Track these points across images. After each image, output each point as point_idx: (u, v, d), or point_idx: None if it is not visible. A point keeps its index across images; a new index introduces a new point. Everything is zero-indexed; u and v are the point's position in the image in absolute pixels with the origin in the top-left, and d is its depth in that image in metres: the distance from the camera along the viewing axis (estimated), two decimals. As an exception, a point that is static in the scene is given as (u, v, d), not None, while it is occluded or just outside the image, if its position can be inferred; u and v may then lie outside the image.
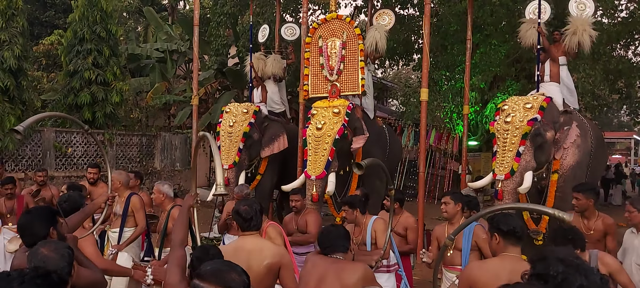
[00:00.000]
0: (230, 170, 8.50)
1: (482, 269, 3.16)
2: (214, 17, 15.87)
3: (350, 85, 8.48)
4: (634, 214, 4.81)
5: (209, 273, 1.91)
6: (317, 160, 7.67)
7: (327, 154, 7.62)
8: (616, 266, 3.88)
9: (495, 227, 3.17)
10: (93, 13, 13.42)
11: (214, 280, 1.88)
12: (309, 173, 7.62)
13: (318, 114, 7.99)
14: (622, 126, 47.37)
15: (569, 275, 1.78)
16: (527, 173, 6.46)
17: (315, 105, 8.18)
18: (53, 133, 12.84)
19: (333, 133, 7.70)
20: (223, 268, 1.95)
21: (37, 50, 17.28)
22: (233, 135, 8.76)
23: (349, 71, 8.48)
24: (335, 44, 8.53)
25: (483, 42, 14.86)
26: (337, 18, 8.69)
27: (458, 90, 15.54)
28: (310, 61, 8.79)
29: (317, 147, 7.71)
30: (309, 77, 8.80)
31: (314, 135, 7.80)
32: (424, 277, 7.57)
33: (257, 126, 9.06)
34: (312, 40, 8.79)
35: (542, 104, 6.73)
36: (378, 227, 4.98)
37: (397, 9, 16.82)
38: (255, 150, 9.07)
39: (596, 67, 13.26)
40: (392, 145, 9.53)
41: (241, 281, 1.92)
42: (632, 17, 15.12)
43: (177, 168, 15.79)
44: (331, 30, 8.66)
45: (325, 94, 8.54)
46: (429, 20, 8.63)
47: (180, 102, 16.73)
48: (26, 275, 1.59)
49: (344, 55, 8.47)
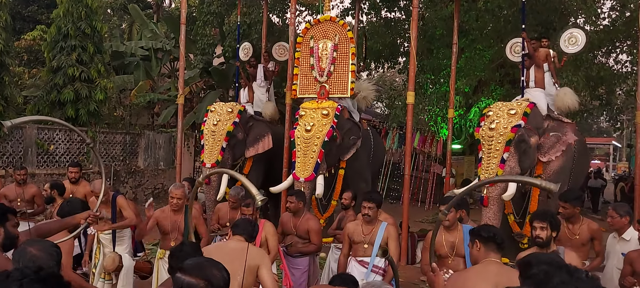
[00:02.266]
0: (212, 169, 8.42)
1: (466, 276, 3.21)
2: (201, 16, 15.79)
3: (339, 88, 8.48)
4: (616, 219, 4.92)
5: (191, 267, 2.02)
6: (306, 162, 7.66)
7: (316, 156, 7.62)
8: (578, 262, 4.07)
9: (475, 234, 3.27)
10: (78, 9, 13.24)
11: (195, 274, 1.99)
12: (297, 175, 7.61)
13: (306, 115, 7.98)
14: (601, 132, 48.16)
15: (552, 273, 1.82)
16: None
17: (304, 106, 8.17)
18: (35, 130, 12.63)
19: (322, 135, 7.70)
20: (205, 263, 2.07)
21: (18, 45, 17.00)
22: (216, 134, 8.71)
23: (339, 74, 8.47)
24: (327, 46, 8.52)
25: (468, 46, 15.00)
26: (330, 20, 8.69)
27: (443, 94, 15.66)
28: (300, 61, 8.76)
29: (306, 149, 7.70)
30: (298, 77, 8.77)
31: (303, 137, 7.78)
32: (408, 279, 7.62)
33: (242, 126, 9.02)
34: (303, 40, 8.76)
35: (526, 110, 6.82)
36: (391, 233, 4.99)
37: (384, 12, 16.90)
38: (239, 150, 9.03)
39: (578, 73, 13.46)
40: (376, 147, 9.58)
41: (221, 277, 2.03)
42: (613, 26, 15.38)
43: (160, 167, 15.65)
44: (323, 31, 8.64)
45: (313, 95, 8.54)
46: (416, 23, 8.68)
47: (165, 100, 16.61)
48: (26, 277, 1.56)
49: (335, 58, 8.47)
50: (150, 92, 16.53)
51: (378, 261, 4.98)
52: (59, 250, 2.55)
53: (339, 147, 8.12)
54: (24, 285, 1.55)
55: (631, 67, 16.26)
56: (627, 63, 16.84)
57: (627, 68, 16.81)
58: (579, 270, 1.91)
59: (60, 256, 2.53)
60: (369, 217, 5.00)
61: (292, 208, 5.77)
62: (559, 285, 1.81)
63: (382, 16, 17.13)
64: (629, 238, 4.91)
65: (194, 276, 1.97)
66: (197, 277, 1.97)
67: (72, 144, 13.42)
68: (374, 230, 5.00)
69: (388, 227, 5.04)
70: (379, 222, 5.09)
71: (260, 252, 3.81)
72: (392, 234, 5.00)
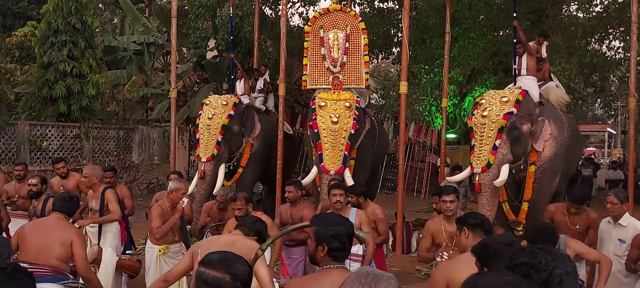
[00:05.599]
0: (208, 163, 8.34)
1: (456, 265, 3.12)
2: (193, 10, 15.67)
3: (353, 79, 8.32)
4: (616, 206, 4.91)
5: (216, 261, 2.02)
6: (335, 154, 7.53)
7: (345, 149, 7.55)
8: (581, 247, 4.34)
9: (463, 222, 3.26)
10: (68, 4, 13.15)
11: (222, 268, 1.97)
12: (327, 168, 7.46)
13: (328, 106, 7.81)
14: (596, 119, 48.30)
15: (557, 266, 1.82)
16: (503, 166, 6.55)
17: (322, 97, 7.89)
18: (27, 126, 12.57)
19: (348, 127, 7.58)
20: (229, 257, 2.06)
21: (9, 42, 16.90)
22: (212, 127, 8.57)
23: (352, 64, 8.30)
24: (338, 36, 8.32)
25: (461, 35, 14.97)
26: (341, 10, 8.53)
27: (437, 84, 15.64)
28: (309, 52, 8.48)
29: (335, 141, 7.54)
30: (308, 68, 8.58)
31: (331, 129, 7.59)
32: (403, 268, 7.64)
33: (237, 118, 8.90)
34: (312, 29, 8.47)
35: (518, 97, 6.82)
36: (362, 218, 5.13)
37: (377, 2, 16.85)
38: (235, 143, 8.91)
39: (571, 60, 13.43)
40: (381, 137, 9.50)
41: (246, 271, 2.03)
42: (606, 12, 15.36)
43: (155, 162, 15.62)
44: (333, 21, 8.38)
45: (326, 86, 8.37)
46: (408, 13, 8.64)
47: (158, 95, 16.53)
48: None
49: (348, 48, 8.27)
50: (143, 86, 16.46)
51: (356, 249, 4.99)
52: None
53: (351, 137, 8.06)
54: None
55: (624, 54, 16.29)
56: (620, 49, 16.88)
57: (621, 54, 16.84)
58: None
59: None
60: (340, 204, 5.07)
61: (291, 198, 5.78)
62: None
63: (375, 7, 17.06)
64: (625, 224, 4.91)
65: (220, 271, 1.97)
66: (223, 272, 1.96)
67: (65, 140, 13.37)
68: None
69: (358, 211, 5.14)
70: (348, 208, 5.14)
71: (253, 245, 3.71)
72: (363, 218, 5.12)
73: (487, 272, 2.16)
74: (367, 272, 1.85)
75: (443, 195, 4.62)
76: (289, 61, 10.14)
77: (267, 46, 16.11)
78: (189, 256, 3.52)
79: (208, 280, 1.96)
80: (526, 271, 1.81)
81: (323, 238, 2.58)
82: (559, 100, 7.88)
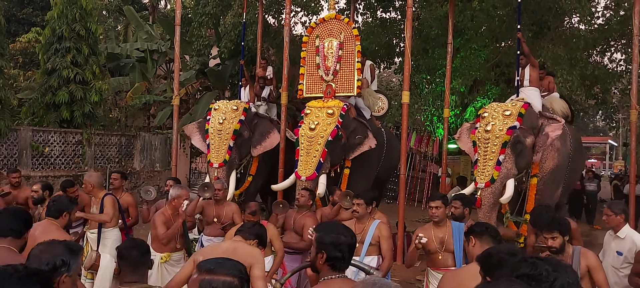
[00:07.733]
0: (220, 169, 8.30)
1: (462, 275, 3.12)
2: (196, 18, 15.75)
3: (345, 86, 8.41)
4: (611, 217, 4.94)
5: (222, 265, 1.99)
6: (308, 160, 7.60)
7: (319, 155, 7.57)
8: (596, 263, 4.01)
9: (470, 231, 3.30)
10: (72, 11, 13.21)
11: (231, 272, 1.95)
12: (299, 174, 7.55)
13: (311, 113, 7.90)
14: (597, 131, 48.30)
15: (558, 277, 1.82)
16: (508, 182, 6.55)
17: (309, 105, 8.07)
18: (30, 132, 12.59)
19: (326, 134, 7.64)
20: (227, 260, 2.06)
21: (13, 47, 16.96)
22: (223, 132, 8.53)
23: (345, 72, 8.38)
24: (333, 44, 8.43)
25: (463, 46, 15.02)
26: (335, 18, 8.64)
27: (438, 94, 15.68)
28: (306, 61, 8.63)
29: (310, 148, 7.63)
30: (304, 77, 8.68)
31: (307, 135, 7.71)
32: (404, 278, 7.61)
33: (247, 124, 8.88)
34: (309, 39, 8.65)
35: (521, 110, 6.82)
36: (383, 232, 4.94)
37: (379, 12, 16.92)
38: (245, 149, 8.89)
39: (573, 72, 13.46)
40: (390, 149, 9.39)
41: (246, 272, 2.06)
42: (608, 24, 15.42)
43: (156, 168, 15.62)
44: (329, 30, 8.53)
45: (320, 94, 8.45)
46: (411, 24, 8.66)
47: (161, 102, 16.57)
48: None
49: (341, 56, 8.36)
50: (146, 93, 16.51)
51: (369, 260, 4.95)
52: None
53: (343, 146, 8.07)
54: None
55: (626, 66, 16.31)
56: (621, 62, 16.90)
57: (622, 67, 16.87)
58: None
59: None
60: (358, 214, 4.99)
61: (301, 202, 5.81)
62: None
63: (378, 16, 17.14)
64: (623, 236, 4.92)
65: (230, 275, 1.95)
66: (232, 276, 1.95)
67: (67, 146, 13.38)
68: (366, 228, 4.95)
69: (380, 224, 4.97)
70: (371, 220, 5.04)
71: (254, 251, 3.72)
72: (383, 233, 4.94)
73: (491, 282, 2.16)
74: (374, 281, 1.85)
75: (430, 201, 4.70)
76: (291, 70, 10.17)
77: (269, 55, 16.16)
78: (191, 263, 3.52)
79: (219, 287, 1.95)
80: (527, 282, 1.82)
81: (323, 246, 2.58)
82: (564, 111, 7.89)
